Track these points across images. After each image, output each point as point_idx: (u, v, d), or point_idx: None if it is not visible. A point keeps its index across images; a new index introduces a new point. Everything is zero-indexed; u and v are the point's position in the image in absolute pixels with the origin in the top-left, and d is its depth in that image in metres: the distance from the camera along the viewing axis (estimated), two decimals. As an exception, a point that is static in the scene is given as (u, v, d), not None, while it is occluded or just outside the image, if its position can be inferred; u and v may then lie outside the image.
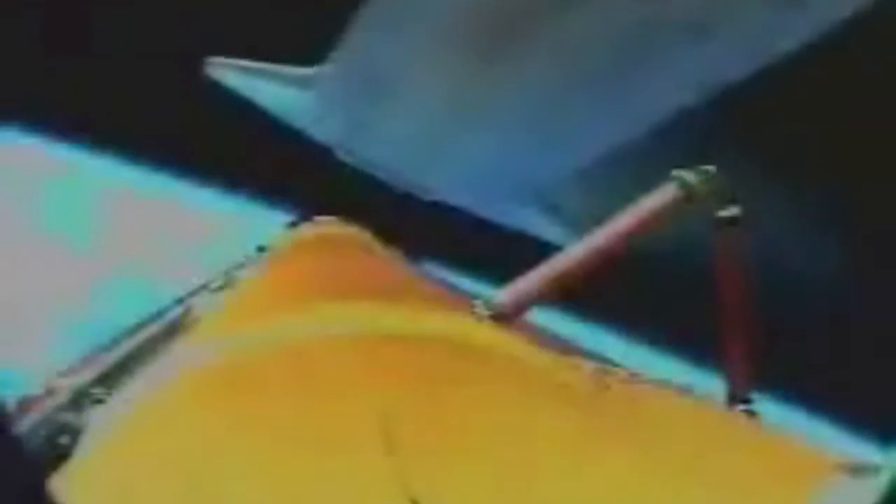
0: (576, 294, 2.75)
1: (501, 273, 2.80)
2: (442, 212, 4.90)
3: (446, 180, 4.75)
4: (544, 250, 2.80)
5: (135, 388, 2.08)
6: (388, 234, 3.58)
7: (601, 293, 2.99)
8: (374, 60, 4.52)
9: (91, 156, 5.79)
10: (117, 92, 5.42)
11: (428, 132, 4.56)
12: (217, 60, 5.16)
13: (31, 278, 5.38)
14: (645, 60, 3.99)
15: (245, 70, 5.15)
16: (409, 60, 4.42)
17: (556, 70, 4.15)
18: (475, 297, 2.67)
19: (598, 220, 2.77)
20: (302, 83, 5.01)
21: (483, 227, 4.96)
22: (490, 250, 4.64)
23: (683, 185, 2.81)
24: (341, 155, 4.99)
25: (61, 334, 5.02)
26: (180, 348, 2.30)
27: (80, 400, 2.07)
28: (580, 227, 4.07)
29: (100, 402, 2.06)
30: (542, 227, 4.76)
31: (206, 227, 5.67)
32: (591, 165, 4.47)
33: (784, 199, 4.35)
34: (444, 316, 2.34)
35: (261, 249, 3.56)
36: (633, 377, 2.26)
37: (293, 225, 3.89)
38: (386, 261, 3.33)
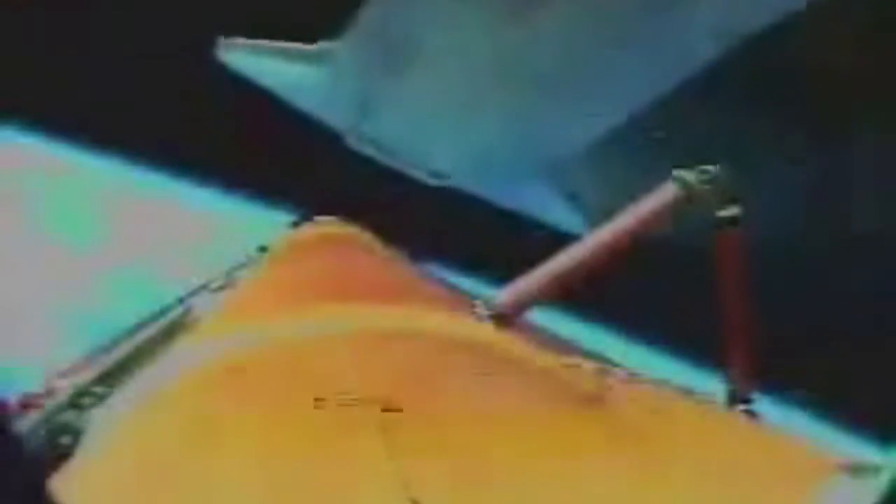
0: (576, 294, 2.75)
1: (501, 273, 2.80)
2: (442, 212, 4.89)
3: (459, 158, 4.70)
4: (544, 250, 2.80)
5: (135, 388, 2.07)
6: (389, 234, 3.58)
7: (601, 293, 2.99)
8: (392, 28, 4.49)
9: (91, 156, 5.79)
10: (117, 92, 5.42)
11: (445, 101, 4.52)
12: (226, 41, 5.10)
13: (31, 278, 5.38)
14: (666, 11, 3.98)
15: (255, 49, 5.09)
16: (428, 26, 4.39)
17: (576, 28, 4.13)
18: (475, 297, 2.67)
19: (613, 204, 2.77)
20: (313, 59, 4.96)
21: (483, 227, 4.96)
22: (491, 250, 4.63)
23: (683, 184, 2.81)
24: (349, 139, 4.94)
25: (62, 334, 5.02)
26: (180, 348, 2.30)
27: (80, 400, 2.07)
28: (596, 213, 4.06)
29: (100, 402, 2.06)
30: (559, 213, 4.72)
31: (206, 227, 5.67)
32: (604, 142, 4.44)
33: (788, 190, 4.35)
34: (444, 316, 2.34)
35: (261, 249, 3.56)
36: (633, 377, 2.26)
37: (294, 225, 3.89)
38: (386, 261, 3.33)
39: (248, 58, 5.11)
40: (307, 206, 4.18)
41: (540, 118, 4.47)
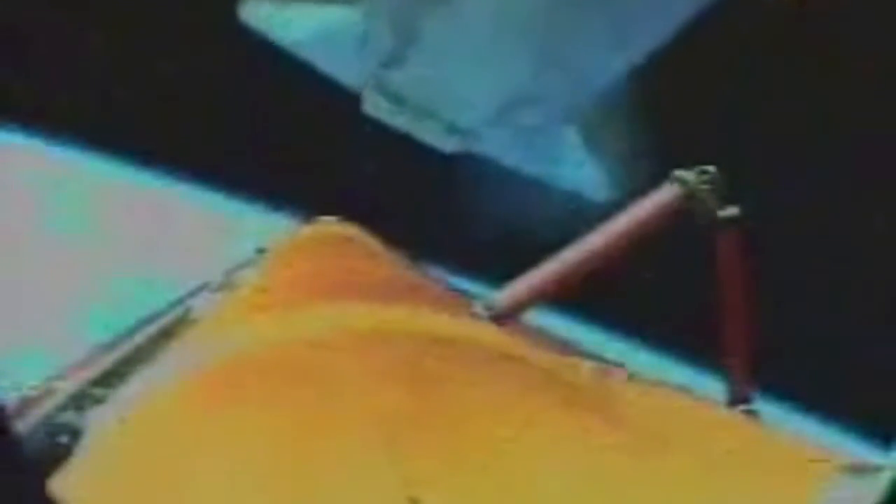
0: (575, 295, 2.75)
1: (501, 273, 2.80)
2: (442, 213, 4.89)
3: (486, 104, 4.60)
4: (543, 251, 2.80)
5: (134, 388, 2.07)
6: (389, 234, 3.58)
7: (601, 293, 2.99)
8: None
9: (91, 156, 5.79)
10: (118, 92, 5.42)
11: (477, 42, 4.44)
12: None
13: (30, 279, 5.38)
14: None
15: None
16: None
17: None
18: (475, 297, 2.67)
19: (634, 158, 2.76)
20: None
21: (483, 227, 4.96)
22: (490, 251, 4.63)
23: (683, 185, 2.81)
24: (367, 101, 4.82)
25: (61, 334, 5.02)
26: (180, 348, 2.29)
27: (80, 400, 2.06)
28: (619, 170, 4.03)
29: (100, 402, 2.05)
30: (582, 172, 4.64)
31: (206, 227, 5.67)
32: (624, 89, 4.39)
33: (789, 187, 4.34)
34: (444, 317, 2.34)
35: (260, 251, 3.56)
36: (633, 377, 2.26)
37: (294, 225, 3.89)
38: (386, 261, 3.33)
39: (272, 10, 4.96)
40: (307, 206, 4.17)
41: (570, 56, 4.39)
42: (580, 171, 4.67)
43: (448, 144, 4.71)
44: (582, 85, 4.53)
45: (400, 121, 4.72)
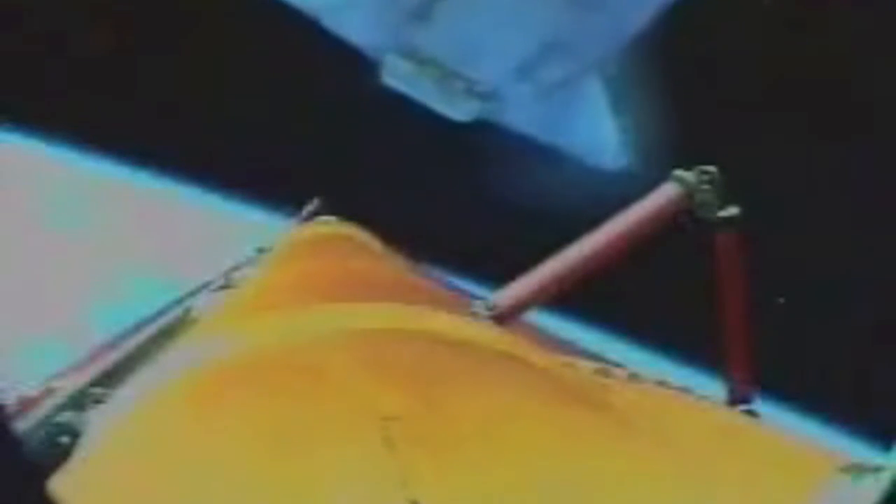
0: (575, 294, 2.76)
1: (501, 273, 2.80)
2: (443, 213, 4.89)
3: (509, 59, 4.53)
4: (543, 251, 2.80)
5: (135, 388, 2.07)
6: (389, 234, 3.58)
7: (601, 293, 3.00)
8: None
9: (91, 156, 5.79)
10: (118, 91, 5.43)
11: None
12: None
13: (29, 279, 5.38)
14: None
15: None
16: None
17: None
18: (475, 297, 2.67)
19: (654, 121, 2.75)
20: None
21: (483, 227, 4.96)
22: (489, 250, 4.63)
23: (683, 185, 2.81)
24: (389, 68, 4.74)
25: (60, 334, 5.02)
26: (180, 348, 2.30)
27: (80, 400, 2.07)
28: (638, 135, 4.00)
29: (100, 402, 2.05)
30: (600, 136, 4.58)
31: (206, 227, 5.67)
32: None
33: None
34: (444, 317, 2.34)
35: (260, 251, 3.56)
36: (633, 377, 2.26)
37: (294, 225, 3.89)
38: (386, 261, 3.33)
39: None
40: (308, 206, 4.18)
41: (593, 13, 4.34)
42: (596, 133, 4.61)
43: (466, 111, 4.63)
44: (614, 26, 4.45)
45: (419, 86, 4.63)
